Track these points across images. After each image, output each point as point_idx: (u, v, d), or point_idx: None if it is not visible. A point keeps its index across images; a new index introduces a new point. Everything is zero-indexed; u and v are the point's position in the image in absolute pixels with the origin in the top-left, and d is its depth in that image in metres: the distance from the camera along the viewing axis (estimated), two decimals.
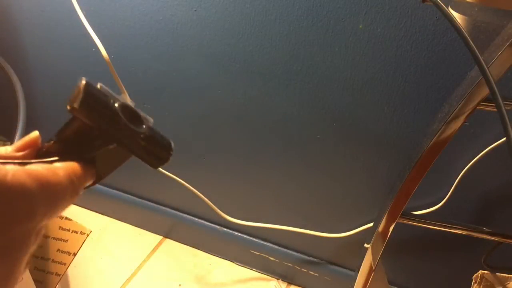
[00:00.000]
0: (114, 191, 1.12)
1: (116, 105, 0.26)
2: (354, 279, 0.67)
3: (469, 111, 0.46)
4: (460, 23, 0.37)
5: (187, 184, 0.88)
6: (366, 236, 0.65)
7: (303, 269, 0.99)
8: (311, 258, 0.98)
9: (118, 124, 0.26)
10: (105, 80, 0.65)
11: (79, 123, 0.26)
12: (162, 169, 0.88)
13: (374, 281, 0.64)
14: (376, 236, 0.59)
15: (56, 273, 0.94)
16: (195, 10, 0.75)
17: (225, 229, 1.03)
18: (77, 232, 0.98)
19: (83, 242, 0.98)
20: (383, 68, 0.68)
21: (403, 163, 0.56)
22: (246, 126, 0.85)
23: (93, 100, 0.25)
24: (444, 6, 0.37)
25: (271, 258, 1.01)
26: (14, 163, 0.22)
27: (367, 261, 0.63)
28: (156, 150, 0.28)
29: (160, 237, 1.13)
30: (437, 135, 0.48)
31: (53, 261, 0.96)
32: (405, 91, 0.69)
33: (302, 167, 0.85)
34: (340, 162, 0.81)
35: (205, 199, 0.90)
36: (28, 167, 0.23)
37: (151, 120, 0.29)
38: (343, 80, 0.72)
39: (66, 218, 0.99)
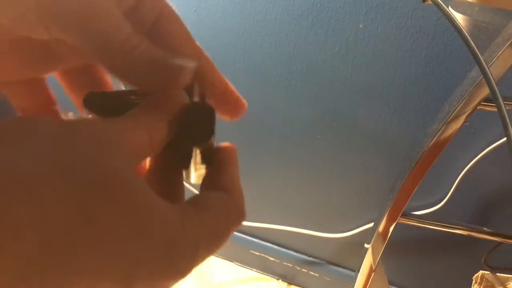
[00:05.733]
0: None
1: None
2: (354, 280, 0.67)
3: (470, 111, 0.46)
4: (461, 23, 0.36)
5: (186, 184, 0.88)
6: (366, 236, 0.65)
7: (303, 269, 0.99)
8: (311, 258, 0.98)
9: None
10: None
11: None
12: None
13: (374, 282, 0.64)
14: (376, 236, 0.59)
15: None
16: (195, 10, 0.75)
17: None
18: None
19: None
20: (383, 68, 0.68)
21: (403, 163, 0.56)
22: (246, 126, 0.85)
23: None
24: (444, 6, 0.37)
25: (271, 258, 1.01)
26: None
27: (367, 261, 0.63)
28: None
29: None
30: (437, 135, 0.48)
31: None
32: (405, 91, 0.69)
33: (302, 167, 0.85)
34: (340, 162, 0.81)
35: None
36: None
37: None
38: (343, 80, 0.72)
39: None
